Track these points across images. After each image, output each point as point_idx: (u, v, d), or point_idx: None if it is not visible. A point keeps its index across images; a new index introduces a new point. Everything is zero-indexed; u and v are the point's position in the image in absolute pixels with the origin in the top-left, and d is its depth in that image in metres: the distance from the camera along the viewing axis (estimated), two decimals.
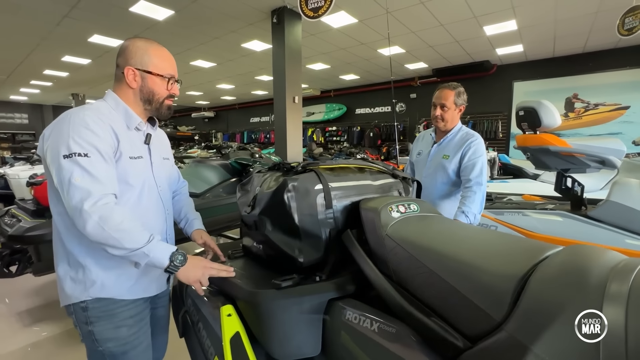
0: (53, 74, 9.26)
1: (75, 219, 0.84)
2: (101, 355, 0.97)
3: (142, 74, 1.00)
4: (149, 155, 1.06)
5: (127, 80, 0.99)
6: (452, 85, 1.74)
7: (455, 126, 1.75)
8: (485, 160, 1.64)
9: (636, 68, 6.81)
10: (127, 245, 0.83)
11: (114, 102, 1.00)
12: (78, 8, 4.97)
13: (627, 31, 3.79)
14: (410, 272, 0.66)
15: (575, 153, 1.78)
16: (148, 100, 1.02)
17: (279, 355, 0.72)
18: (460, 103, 1.73)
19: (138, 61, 0.99)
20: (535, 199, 2.38)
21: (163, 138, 1.18)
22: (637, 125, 6.94)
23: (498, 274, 0.55)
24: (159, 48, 1.04)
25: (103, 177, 0.87)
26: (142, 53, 1.00)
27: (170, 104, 1.07)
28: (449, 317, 0.58)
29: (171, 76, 1.03)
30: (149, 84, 1.01)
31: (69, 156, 0.85)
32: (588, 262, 0.51)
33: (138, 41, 1.01)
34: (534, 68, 7.95)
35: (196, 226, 1.20)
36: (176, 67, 1.07)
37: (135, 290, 1.00)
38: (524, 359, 0.45)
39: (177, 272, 0.88)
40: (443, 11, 5.14)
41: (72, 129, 0.87)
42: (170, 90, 1.04)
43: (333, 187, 0.91)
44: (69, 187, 0.84)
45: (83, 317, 0.95)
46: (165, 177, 1.12)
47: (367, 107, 11.18)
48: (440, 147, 1.76)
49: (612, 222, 1.65)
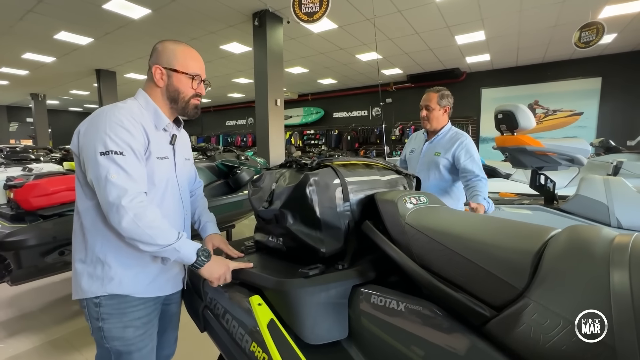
0: (11, 71, 8.62)
1: (111, 215, 0.86)
2: (107, 352, 0.99)
3: (169, 72, 1.01)
4: (173, 155, 1.07)
5: (155, 78, 1.01)
6: (436, 89, 1.87)
7: (445, 126, 1.89)
8: (478, 155, 1.80)
9: (588, 77, 7.51)
10: (160, 242, 0.86)
11: (144, 101, 1.02)
12: (45, 3, 4.70)
13: (584, 44, 4.20)
14: (433, 254, 0.73)
15: (548, 152, 1.96)
16: (174, 98, 1.04)
17: (310, 339, 0.76)
18: (444, 104, 1.85)
19: (165, 60, 1.01)
20: (511, 195, 2.58)
21: (185, 139, 1.20)
22: (590, 129, 7.63)
23: (516, 250, 0.62)
24: (187, 48, 1.05)
25: (137, 176, 0.90)
26: (169, 52, 1.02)
27: (197, 103, 1.08)
28: (473, 290, 0.64)
29: (197, 75, 1.04)
30: (175, 82, 1.02)
31: (105, 153, 0.87)
32: (590, 237, 0.60)
33: (168, 42, 1.04)
34: (500, 76, 8.51)
35: (209, 231, 1.20)
36: (204, 67, 1.08)
37: (151, 289, 1.01)
38: (546, 319, 0.53)
39: (201, 268, 0.91)
40: (418, 20, 5.40)
41: (109, 127, 0.89)
42: (197, 89, 1.06)
43: (348, 182, 0.96)
44: (106, 184, 0.86)
45: (95, 312, 0.96)
46: (186, 178, 1.14)
47: (345, 111, 11.39)
48: (432, 145, 1.90)
49: (581, 213, 1.85)
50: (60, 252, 1.99)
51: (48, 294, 2.74)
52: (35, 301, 2.61)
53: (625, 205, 1.82)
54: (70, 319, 2.35)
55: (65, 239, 1.94)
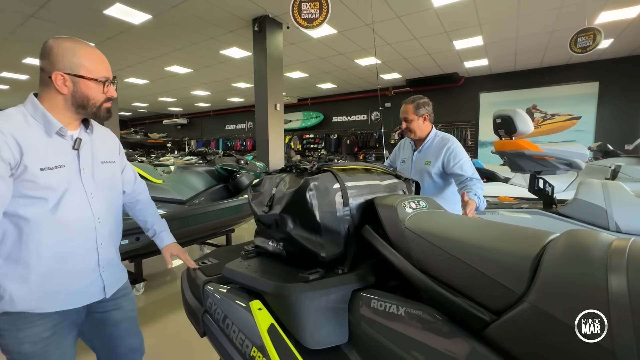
0: (11, 76, 8.65)
1: None
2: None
3: (73, 79, 0.91)
4: (77, 161, 0.96)
5: (57, 85, 0.90)
6: (411, 99, 1.88)
7: (430, 133, 1.89)
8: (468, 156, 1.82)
9: (586, 82, 7.57)
10: None
11: (32, 107, 0.91)
12: (46, 8, 4.73)
13: (581, 49, 4.24)
14: (432, 259, 0.73)
15: (547, 156, 1.98)
16: (82, 105, 0.94)
17: (309, 343, 0.76)
18: (421, 113, 1.84)
19: (67, 65, 0.90)
20: (510, 199, 2.59)
21: (107, 139, 1.10)
22: (588, 133, 7.67)
23: (515, 255, 0.63)
24: (89, 49, 0.95)
25: None
26: (70, 55, 0.90)
27: (109, 107, 1.00)
28: (473, 295, 0.65)
29: (106, 79, 0.96)
30: (83, 88, 0.93)
31: None
32: (588, 241, 0.60)
33: (64, 41, 0.91)
34: (498, 80, 8.58)
35: (166, 241, 1.18)
36: (110, 67, 0.99)
37: (51, 303, 0.93)
38: (545, 323, 0.53)
39: None
40: (417, 25, 5.45)
41: None
42: (107, 94, 0.98)
43: (348, 186, 0.97)
44: None
45: None
46: (101, 183, 1.03)
47: (344, 115, 11.44)
48: (421, 154, 1.91)
49: (580, 217, 1.86)
50: None
51: None
52: None
53: (624, 209, 1.83)
54: None
55: None
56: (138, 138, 15.13)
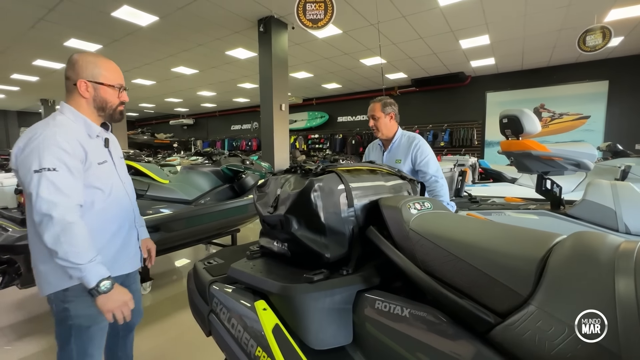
0: (22, 78, 8.81)
1: (40, 227, 0.96)
2: (68, 329, 1.12)
3: (94, 85, 1.12)
4: (110, 157, 1.21)
5: (80, 91, 1.11)
6: (378, 99, 1.98)
7: (397, 132, 1.97)
8: (434, 156, 1.89)
9: (595, 81, 7.45)
10: (73, 260, 0.97)
11: (72, 114, 1.11)
12: (55, 11, 4.81)
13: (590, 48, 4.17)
14: (437, 261, 0.73)
15: (554, 157, 1.95)
16: (101, 107, 1.15)
17: (314, 344, 0.76)
18: (388, 111, 1.94)
19: (89, 74, 1.11)
20: (517, 200, 2.56)
21: (115, 140, 1.32)
22: (597, 133, 7.55)
23: (520, 257, 0.63)
24: (107, 61, 1.16)
25: (69, 190, 1.00)
26: (92, 67, 1.12)
27: (122, 110, 1.21)
28: (478, 297, 0.65)
29: (120, 86, 1.17)
30: (102, 93, 1.14)
31: (39, 170, 0.97)
32: (595, 244, 0.60)
33: (87, 55, 1.14)
34: (505, 80, 8.48)
35: (142, 235, 1.36)
36: (123, 76, 1.21)
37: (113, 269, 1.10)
38: (550, 326, 0.53)
39: (96, 297, 1.01)
40: (423, 25, 5.42)
41: (43, 146, 0.99)
42: (121, 98, 1.19)
43: (353, 187, 0.97)
44: (37, 198, 0.95)
45: (62, 296, 1.09)
46: (125, 174, 1.29)
47: (349, 115, 11.42)
48: (391, 154, 1.97)
49: (588, 219, 1.83)
50: None
51: None
52: (43, 305, 2.64)
53: (634, 211, 1.80)
54: None
55: None
56: (145, 138, 15.28)
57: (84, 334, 1.13)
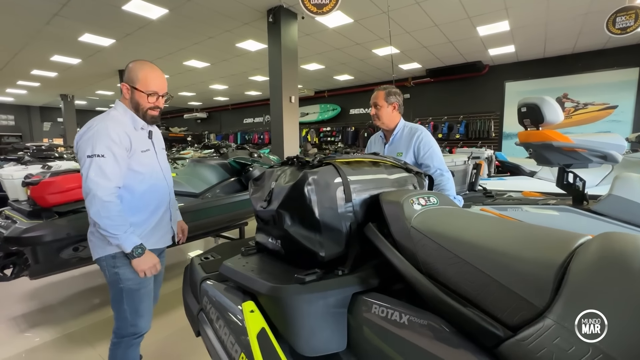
0: (41, 74, 9.06)
1: (87, 202, 1.20)
2: (120, 291, 1.32)
3: (131, 89, 1.33)
4: (153, 147, 1.43)
5: (123, 92, 1.35)
6: (382, 87, 1.90)
7: (398, 123, 1.88)
8: (439, 148, 1.80)
9: (624, 68, 7.00)
10: (110, 230, 1.21)
11: (122, 110, 1.35)
12: (69, 6, 4.87)
13: (620, 30, 3.86)
14: (441, 264, 0.65)
15: (578, 148, 1.80)
16: (135, 108, 1.36)
17: (304, 350, 0.71)
18: (391, 101, 1.85)
19: (130, 79, 1.33)
20: (535, 195, 2.41)
21: (159, 134, 1.53)
22: (625, 124, 7.13)
23: (537, 262, 0.54)
24: (150, 70, 1.34)
25: (112, 175, 1.23)
26: (134, 72, 1.32)
27: (153, 114, 1.38)
28: (486, 307, 0.57)
29: (153, 92, 1.34)
30: (136, 97, 1.34)
31: (91, 156, 1.20)
32: (626, 247, 0.51)
33: (137, 63, 1.34)
34: (525, 68, 8.09)
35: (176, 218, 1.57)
36: (164, 85, 1.38)
37: (155, 242, 1.41)
38: (570, 345, 0.45)
39: (132, 259, 1.26)
40: (438, 11, 5.20)
41: (96, 135, 1.23)
42: (153, 103, 1.35)
43: (352, 181, 0.90)
44: (86, 179, 1.20)
45: (112, 262, 1.30)
46: (165, 162, 1.50)
47: (361, 107, 11.23)
48: (392, 146, 1.88)
49: (615, 215, 1.68)
50: (75, 248, 2.04)
51: (67, 288, 2.83)
52: (54, 295, 2.71)
53: None
54: (87, 313, 2.42)
55: (79, 235, 1.99)
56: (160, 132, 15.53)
57: (135, 295, 1.34)
